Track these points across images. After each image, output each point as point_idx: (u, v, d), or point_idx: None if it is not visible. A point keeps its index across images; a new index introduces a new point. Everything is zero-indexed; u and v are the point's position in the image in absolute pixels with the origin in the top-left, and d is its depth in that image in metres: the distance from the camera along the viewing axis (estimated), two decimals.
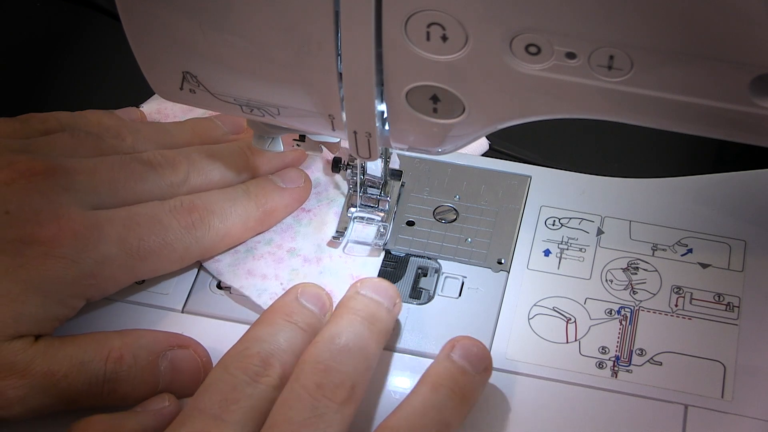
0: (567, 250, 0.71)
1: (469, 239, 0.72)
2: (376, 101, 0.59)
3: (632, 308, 0.68)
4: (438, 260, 0.71)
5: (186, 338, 0.66)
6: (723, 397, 0.64)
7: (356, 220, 0.73)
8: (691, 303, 0.68)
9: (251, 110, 0.64)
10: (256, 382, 0.60)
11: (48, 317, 0.63)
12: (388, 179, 0.72)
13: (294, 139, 0.69)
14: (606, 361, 0.66)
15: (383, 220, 0.72)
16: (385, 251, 0.72)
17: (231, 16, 0.58)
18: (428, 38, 0.55)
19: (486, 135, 0.73)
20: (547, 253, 0.71)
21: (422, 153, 0.65)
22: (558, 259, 0.71)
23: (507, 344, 0.67)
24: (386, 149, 0.69)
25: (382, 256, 0.71)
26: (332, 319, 0.63)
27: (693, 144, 0.77)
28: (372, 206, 0.72)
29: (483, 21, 0.54)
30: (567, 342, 0.67)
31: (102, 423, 0.61)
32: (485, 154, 0.77)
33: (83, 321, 0.68)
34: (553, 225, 0.72)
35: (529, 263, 0.71)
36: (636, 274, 0.69)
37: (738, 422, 0.63)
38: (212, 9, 0.58)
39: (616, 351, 0.66)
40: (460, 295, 0.70)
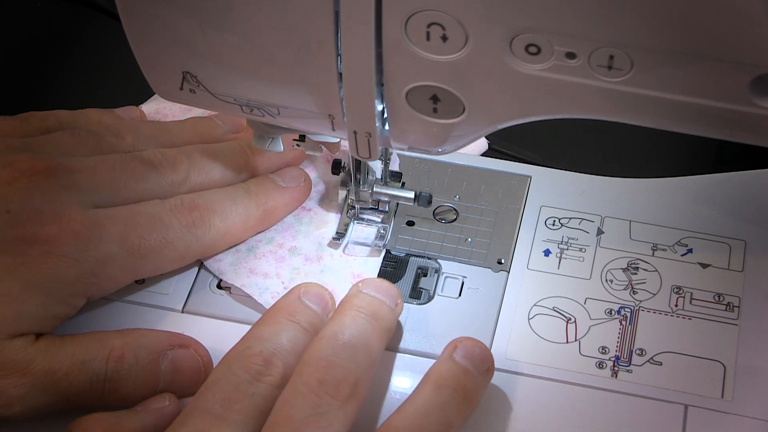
0: (567, 250, 0.71)
1: (469, 239, 0.72)
2: (376, 101, 0.59)
3: (632, 308, 0.68)
4: (438, 260, 0.71)
5: (187, 338, 0.66)
6: (723, 397, 0.64)
7: (356, 222, 0.73)
8: (691, 303, 0.68)
9: (251, 110, 0.64)
10: (259, 381, 0.60)
11: (49, 316, 0.63)
12: (389, 180, 0.72)
13: (294, 139, 0.69)
14: (606, 361, 0.66)
15: (383, 222, 0.72)
16: (385, 251, 0.72)
17: (231, 16, 0.58)
18: (428, 38, 0.55)
19: (486, 135, 0.73)
20: (547, 253, 0.71)
21: (422, 153, 0.65)
22: (558, 259, 0.71)
23: (507, 344, 0.67)
24: (386, 149, 0.69)
25: (382, 256, 0.71)
26: (335, 316, 0.63)
27: (693, 144, 0.77)
28: (372, 208, 0.72)
29: (483, 21, 0.54)
30: (567, 342, 0.67)
31: (102, 421, 0.61)
32: (485, 154, 0.77)
33: (84, 321, 0.68)
34: (553, 225, 0.72)
35: (529, 263, 0.71)
36: (636, 274, 0.69)
37: (738, 422, 0.63)
38: (212, 9, 0.58)
39: (616, 351, 0.66)
40: (460, 295, 0.70)
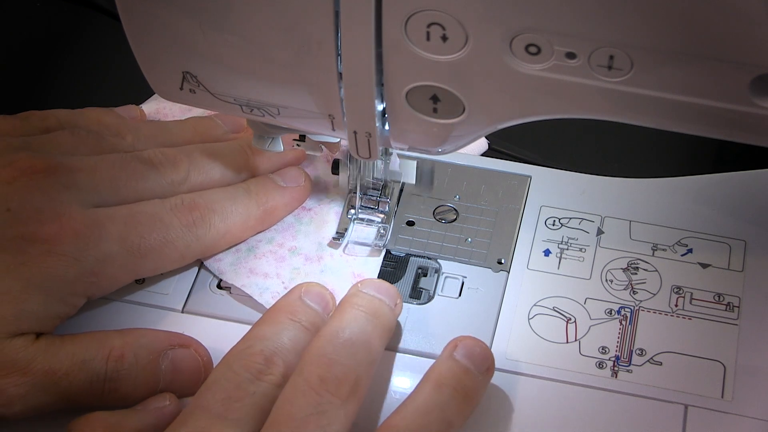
0: (567, 250, 0.71)
1: (469, 239, 0.72)
2: (376, 101, 0.59)
3: (632, 308, 0.68)
4: (438, 260, 0.71)
5: (187, 338, 0.66)
6: (723, 397, 0.64)
7: (356, 222, 0.73)
8: (691, 303, 0.68)
9: (251, 110, 0.64)
10: (259, 380, 0.60)
11: (49, 315, 0.63)
12: (388, 181, 0.72)
13: (294, 139, 0.69)
14: (606, 361, 0.66)
15: (383, 222, 0.72)
16: (385, 251, 0.72)
17: (231, 16, 0.58)
18: (428, 38, 0.55)
19: (486, 135, 0.73)
20: (547, 253, 0.71)
21: (422, 153, 0.65)
22: (558, 259, 0.71)
23: (507, 344, 0.67)
24: (386, 149, 0.69)
25: (382, 256, 0.71)
26: (335, 315, 0.63)
27: (693, 144, 0.77)
28: (372, 208, 0.72)
29: (483, 21, 0.54)
30: (567, 342, 0.67)
31: (102, 421, 0.61)
32: (485, 154, 0.77)
33: (83, 321, 0.68)
34: (553, 225, 0.72)
35: (529, 263, 0.71)
36: (636, 274, 0.69)
37: (738, 422, 0.63)
38: (212, 9, 0.58)
39: (616, 351, 0.66)
40: (460, 295, 0.70)
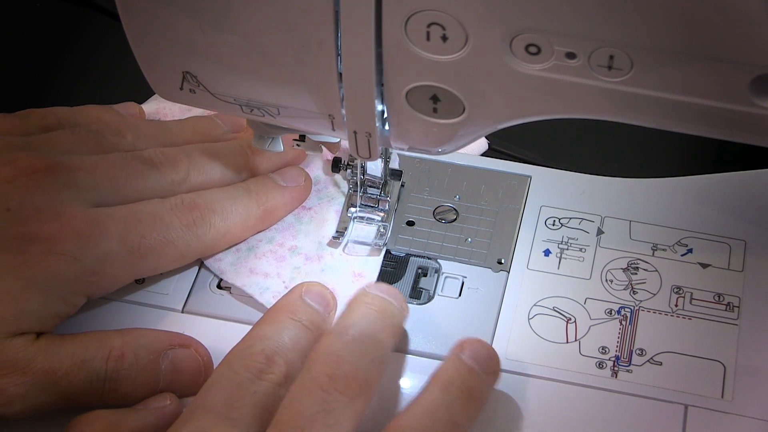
0: (567, 250, 0.71)
1: (469, 239, 0.72)
2: (376, 101, 0.59)
3: (632, 308, 0.68)
4: (438, 260, 0.71)
5: (187, 338, 0.66)
6: (723, 397, 0.64)
7: (356, 220, 0.73)
8: (691, 303, 0.68)
9: (251, 110, 0.64)
10: (261, 380, 0.60)
11: (49, 314, 0.63)
12: (388, 179, 0.72)
13: (294, 139, 0.69)
14: (606, 361, 0.66)
15: (383, 220, 0.72)
16: (386, 251, 0.72)
17: (231, 16, 0.58)
18: (428, 38, 0.55)
19: (486, 135, 0.73)
20: (547, 253, 0.71)
21: (422, 153, 0.65)
22: (558, 259, 0.71)
23: (507, 344, 0.67)
24: (386, 149, 0.69)
25: (382, 256, 0.71)
26: (345, 313, 0.63)
27: (693, 144, 0.77)
28: (372, 206, 0.72)
29: (483, 21, 0.54)
30: (567, 342, 0.67)
31: (102, 419, 0.61)
32: (485, 154, 0.77)
33: (83, 321, 0.68)
34: (553, 225, 0.72)
35: (529, 263, 0.71)
36: (636, 274, 0.69)
37: (738, 422, 0.63)
38: (212, 9, 0.58)
39: (616, 351, 0.66)
40: (460, 295, 0.70)
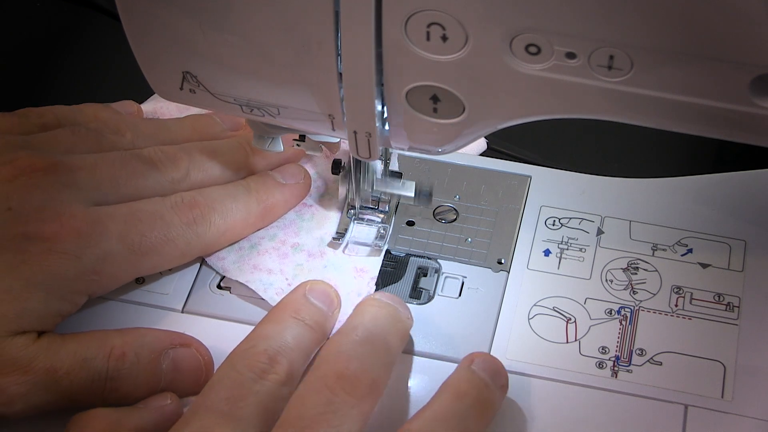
0: (567, 250, 0.71)
1: (469, 239, 0.72)
2: (376, 101, 0.59)
3: (632, 308, 0.68)
4: (438, 260, 0.71)
5: (188, 337, 0.66)
6: (723, 397, 0.64)
7: (356, 222, 0.73)
8: (691, 303, 0.68)
9: (251, 110, 0.64)
10: (263, 379, 0.60)
11: (50, 313, 0.63)
12: (387, 194, 0.72)
13: (294, 139, 0.69)
14: (606, 361, 0.66)
15: (383, 222, 0.72)
16: (386, 251, 0.72)
17: (231, 16, 0.58)
18: (428, 38, 0.55)
19: (486, 135, 0.73)
20: (547, 253, 0.71)
21: (422, 153, 0.65)
22: (558, 259, 0.71)
23: (507, 344, 0.67)
24: (386, 149, 0.69)
25: (382, 256, 0.71)
26: (354, 314, 0.63)
27: (693, 144, 0.77)
28: (372, 207, 0.72)
29: (483, 21, 0.54)
30: (567, 342, 0.67)
31: (104, 417, 0.60)
32: (484, 154, 0.77)
33: (84, 321, 0.68)
34: (553, 225, 0.72)
35: (529, 263, 0.71)
36: (636, 274, 0.69)
37: (738, 422, 0.63)
38: (212, 9, 0.58)
39: (616, 351, 0.66)
40: (460, 295, 0.70)
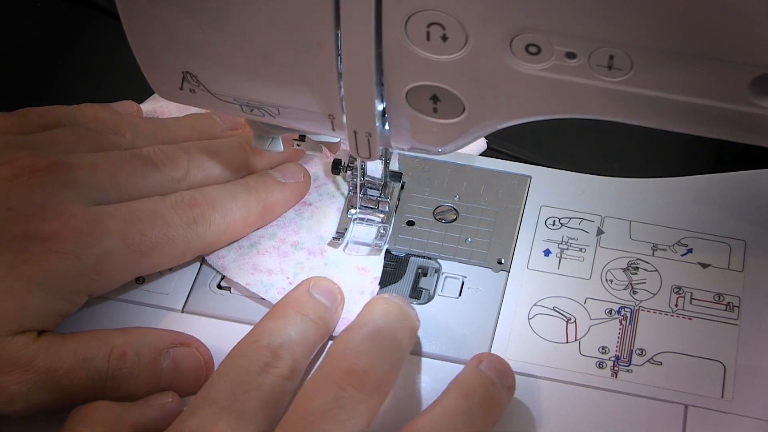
0: (567, 250, 0.71)
1: (469, 239, 0.72)
2: (376, 101, 0.59)
3: (632, 308, 0.68)
4: (438, 260, 0.71)
5: (188, 337, 0.66)
6: (723, 397, 0.64)
7: (356, 222, 0.73)
8: (691, 303, 0.68)
9: (251, 110, 0.64)
10: (266, 373, 0.60)
11: (51, 312, 0.63)
12: (388, 180, 0.72)
13: (294, 139, 0.69)
14: (606, 361, 0.66)
15: (383, 222, 0.72)
16: (386, 251, 0.72)
17: (231, 16, 0.58)
18: (428, 38, 0.55)
19: (486, 135, 0.73)
20: (547, 253, 0.71)
21: (422, 153, 0.65)
22: (558, 259, 0.71)
23: (507, 344, 0.67)
24: (386, 149, 0.69)
25: (383, 256, 0.71)
26: (364, 311, 0.63)
27: (693, 144, 0.77)
28: (372, 207, 0.72)
29: (483, 21, 0.54)
30: (567, 342, 0.67)
31: (105, 411, 0.60)
32: (484, 154, 0.77)
33: (84, 321, 0.68)
34: (553, 225, 0.72)
35: (529, 263, 0.71)
36: (636, 274, 0.69)
37: (738, 422, 0.63)
38: (212, 9, 0.58)
39: (616, 351, 0.66)
40: (460, 295, 0.70)
